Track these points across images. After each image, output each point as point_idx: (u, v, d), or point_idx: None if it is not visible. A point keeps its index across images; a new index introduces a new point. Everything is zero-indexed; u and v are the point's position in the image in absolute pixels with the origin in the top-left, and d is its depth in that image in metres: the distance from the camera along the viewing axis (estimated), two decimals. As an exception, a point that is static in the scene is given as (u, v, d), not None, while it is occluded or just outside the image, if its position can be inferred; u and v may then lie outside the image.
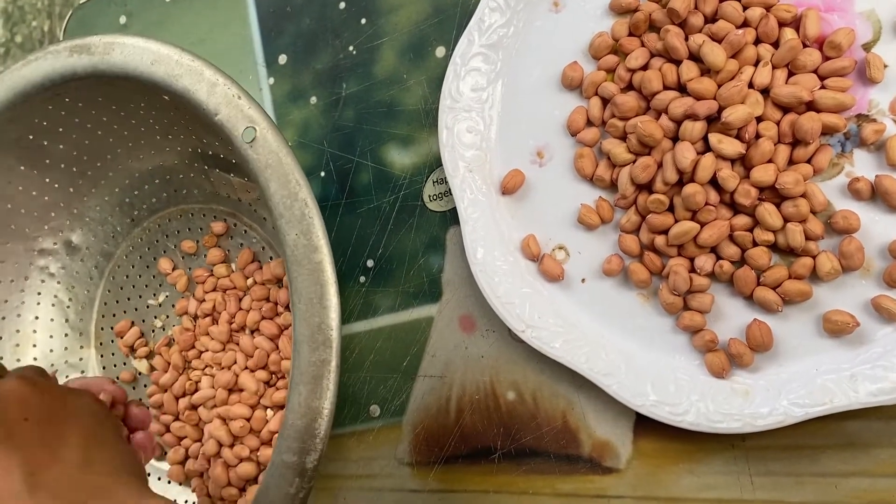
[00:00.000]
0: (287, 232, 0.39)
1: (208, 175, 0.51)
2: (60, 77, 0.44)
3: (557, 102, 0.42)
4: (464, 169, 0.43)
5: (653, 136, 0.37)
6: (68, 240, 0.56)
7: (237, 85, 0.40)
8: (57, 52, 0.44)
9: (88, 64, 0.43)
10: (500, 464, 0.43)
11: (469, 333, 0.44)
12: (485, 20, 0.42)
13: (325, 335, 0.38)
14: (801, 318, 0.36)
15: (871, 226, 0.35)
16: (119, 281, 0.57)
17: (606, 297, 0.40)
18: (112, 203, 0.55)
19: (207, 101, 0.40)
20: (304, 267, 0.39)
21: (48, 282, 0.57)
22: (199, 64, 0.41)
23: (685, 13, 0.38)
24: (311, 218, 0.39)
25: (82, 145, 0.51)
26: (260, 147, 0.39)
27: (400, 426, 0.46)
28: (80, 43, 0.43)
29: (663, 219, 0.37)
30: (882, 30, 0.35)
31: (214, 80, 0.40)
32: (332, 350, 0.38)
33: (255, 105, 0.40)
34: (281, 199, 0.39)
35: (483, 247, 0.42)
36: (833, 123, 0.35)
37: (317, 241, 0.39)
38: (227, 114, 0.40)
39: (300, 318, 0.39)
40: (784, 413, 0.35)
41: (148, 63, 0.42)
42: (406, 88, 0.47)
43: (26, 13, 0.91)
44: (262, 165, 0.39)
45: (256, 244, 0.52)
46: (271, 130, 0.39)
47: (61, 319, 0.58)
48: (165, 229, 0.55)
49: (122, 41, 0.43)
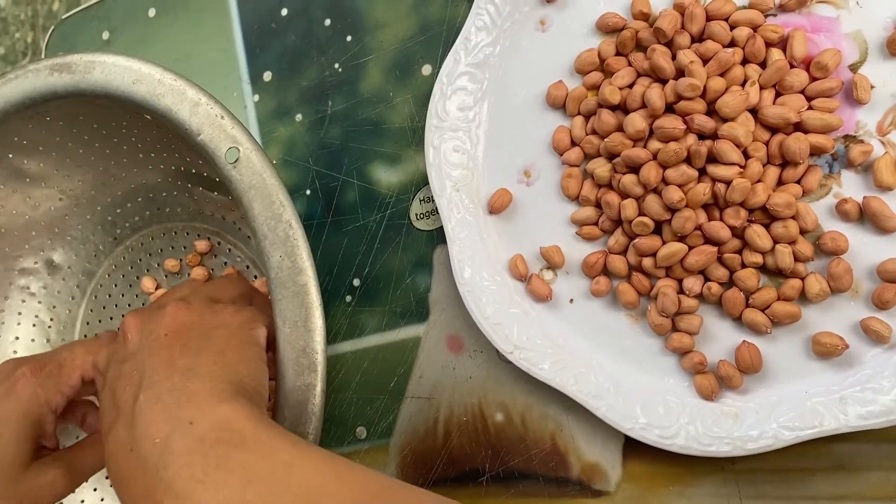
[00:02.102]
0: (271, 254, 0.39)
1: (192, 193, 0.51)
2: (41, 96, 0.44)
3: (544, 121, 0.42)
4: (451, 188, 0.42)
5: (639, 158, 0.37)
6: (49, 259, 0.56)
7: (220, 104, 0.40)
8: (37, 71, 0.43)
9: (69, 83, 0.43)
10: (489, 486, 0.42)
11: (457, 354, 0.44)
12: (471, 39, 0.42)
13: (311, 359, 0.38)
14: (791, 340, 0.36)
15: (860, 247, 0.35)
16: (101, 300, 0.56)
17: (595, 318, 0.40)
18: (94, 221, 0.55)
19: (190, 121, 0.40)
20: (288, 289, 0.38)
21: (29, 301, 0.56)
22: (182, 83, 0.40)
23: (672, 33, 0.38)
24: (295, 239, 0.38)
25: (63, 163, 0.50)
26: (243, 168, 0.39)
27: (387, 448, 0.45)
28: (61, 62, 0.43)
29: (651, 242, 0.37)
30: (868, 51, 0.35)
31: (197, 99, 0.40)
32: (317, 374, 0.37)
33: (239, 125, 0.39)
34: (265, 221, 0.39)
35: (470, 266, 0.41)
36: (821, 144, 0.35)
37: (301, 263, 0.38)
38: (209, 134, 0.39)
39: (284, 341, 0.38)
40: (774, 436, 0.34)
41: (129, 82, 0.41)
42: (392, 106, 0.47)
43: (10, 25, 0.90)
44: (245, 186, 0.39)
45: (240, 263, 0.52)
46: (255, 151, 0.39)
47: (42, 339, 0.57)
48: (148, 248, 0.55)
49: (103, 60, 0.42)
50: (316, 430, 0.37)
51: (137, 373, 0.33)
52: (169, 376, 0.33)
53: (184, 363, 0.34)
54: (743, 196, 0.35)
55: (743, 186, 0.34)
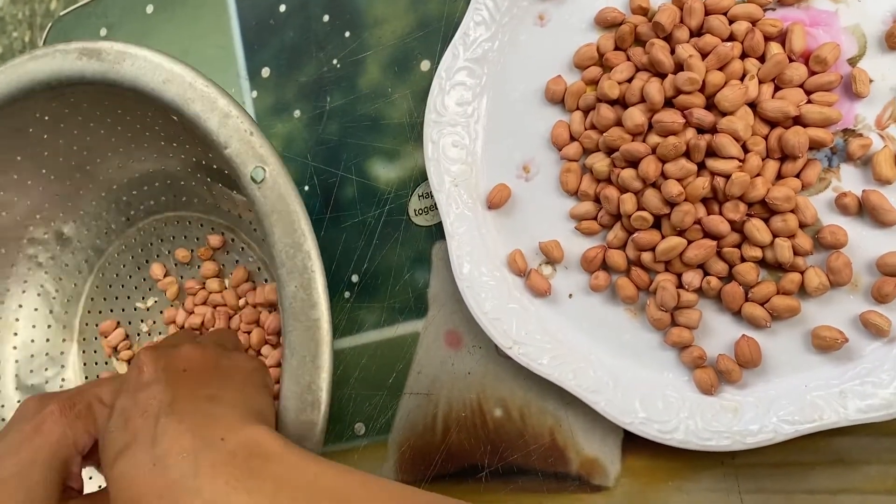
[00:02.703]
0: (286, 283, 0.38)
1: (210, 188, 0.50)
2: (67, 79, 0.42)
3: (543, 116, 0.42)
4: (449, 183, 0.42)
5: (638, 152, 0.37)
6: (60, 231, 0.55)
7: (250, 119, 0.39)
8: (66, 53, 0.42)
9: (98, 70, 0.41)
10: (488, 482, 0.42)
11: (455, 349, 0.44)
12: (470, 34, 0.42)
13: (315, 396, 0.37)
14: (790, 334, 0.36)
15: (859, 241, 0.35)
16: (108, 278, 0.56)
17: (594, 313, 0.40)
18: (109, 199, 0.54)
19: (218, 132, 0.39)
20: (300, 322, 0.37)
21: (35, 271, 0.56)
22: (213, 91, 0.39)
23: (670, 27, 0.38)
24: (312, 272, 0.37)
25: (83, 141, 0.49)
26: (268, 189, 0.38)
27: (385, 444, 0.45)
28: (92, 47, 0.41)
29: (650, 236, 0.37)
30: (867, 45, 0.35)
31: (227, 111, 0.39)
32: (319, 413, 0.37)
33: (267, 144, 0.38)
34: (284, 248, 0.38)
35: (469, 262, 0.41)
36: (820, 138, 0.35)
37: (316, 296, 0.37)
38: (237, 149, 0.38)
39: (290, 375, 0.38)
40: (773, 430, 0.34)
41: (160, 81, 0.40)
42: (391, 102, 0.47)
43: (7, 24, 0.90)
44: (268, 209, 0.38)
45: (252, 263, 0.51)
46: (282, 174, 0.38)
47: (45, 310, 0.56)
48: (161, 233, 0.54)
49: (135, 52, 0.41)
50: None
51: (156, 400, 0.33)
52: (192, 402, 0.33)
53: (205, 393, 0.34)
54: (742, 190, 0.35)
55: (742, 180, 0.34)
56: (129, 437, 0.32)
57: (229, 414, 0.33)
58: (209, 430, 0.31)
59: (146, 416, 0.32)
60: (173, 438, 0.31)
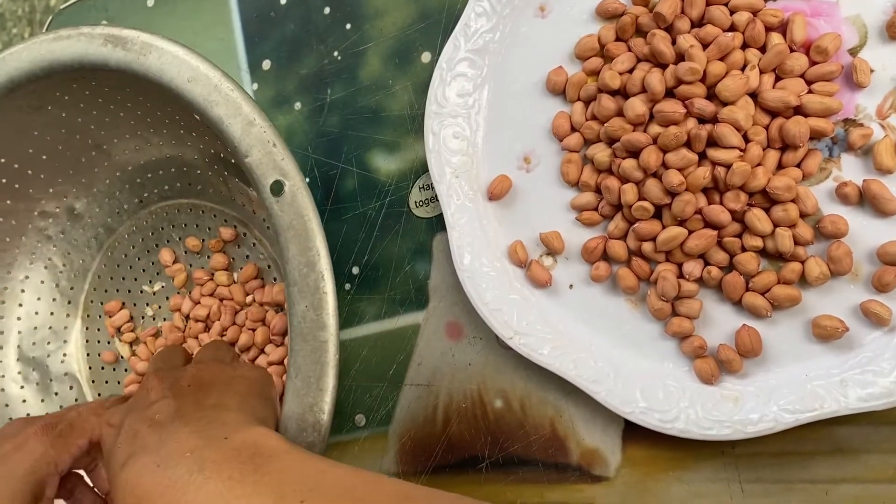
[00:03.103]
0: (297, 301, 0.37)
1: (227, 181, 0.50)
2: (91, 64, 0.42)
3: (544, 108, 0.42)
4: (450, 175, 0.42)
5: (639, 142, 0.37)
6: (71, 206, 0.55)
7: (274, 130, 0.38)
8: (91, 37, 0.41)
9: (122, 59, 0.41)
10: (488, 473, 0.42)
11: (456, 341, 0.44)
12: (471, 25, 0.42)
13: (316, 418, 0.37)
14: (791, 324, 0.36)
15: (860, 230, 0.35)
16: (117, 258, 0.56)
17: (594, 304, 0.40)
18: (123, 179, 0.54)
19: (240, 139, 0.38)
20: (308, 343, 0.37)
21: (44, 244, 0.55)
22: (238, 95, 0.38)
23: (672, 17, 0.38)
24: (325, 293, 0.37)
25: (102, 122, 0.49)
26: (286, 205, 0.37)
27: (386, 436, 0.45)
28: (117, 34, 0.41)
29: (650, 226, 0.37)
30: (868, 34, 0.35)
31: (251, 118, 0.38)
32: (319, 434, 0.37)
33: (289, 156, 0.38)
34: (297, 266, 0.37)
35: (470, 253, 0.41)
36: (821, 128, 0.35)
37: (326, 318, 0.37)
38: (258, 158, 0.38)
39: (293, 395, 0.37)
40: (774, 419, 0.34)
41: (184, 79, 0.39)
42: (392, 94, 0.47)
43: (7, 20, 0.90)
44: (285, 224, 0.37)
45: (263, 261, 0.51)
46: (302, 189, 0.37)
47: (52, 283, 0.56)
48: (173, 219, 0.54)
49: (161, 45, 0.40)
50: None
51: (161, 415, 0.34)
52: (198, 410, 0.35)
53: (211, 402, 0.36)
54: (743, 180, 0.35)
55: (743, 170, 0.35)
56: (137, 447, 0.33)
57: (233, 419, 0.34)
58: (213, 431, 0.32)
59: (153, 426, 0.34)
60: (179, 441, 0.31)
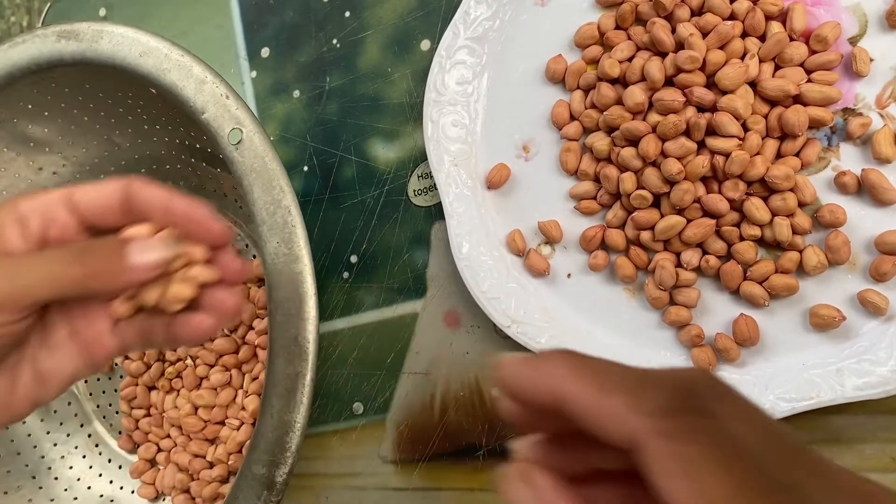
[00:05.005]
0: (268, 239, 0.38)
1: (195, 168, 0.50)
2: (47, 62, 0.43)
3: (543, 96, 0.41)
4: (449, 163, 0.42)
5: (638, 131, 0.37)
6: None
7: (225, 83, 0.40)
8: (45, 36, 0.43)
9: (76, 51, 0.42)
10: (485, 461, 0.42)
11: (454, 329, 0.44)
12: (470, 13, 0.42)
13: (302, 347, 0.37)
14: (788, 313, 0.36)
15: (858, 220, 0.35)
16: None
17: (592, 293, 0.40)
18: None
19: (195, 99, 0.40)
20: (283, 276, 0.38)
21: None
22: (188, 59, 0.40)
23: (671, 6, 0.37)
24: (293, 227, 0.38)
25: (68, 130, 0.50)
26: (245, 150, 0.39)
27: (383, 424, 0.45)
28: (68, 28, 0.42)
29: (649, 215, 0.37)
30: (868, 24, 0.35)
31: (203, 77, 0.40)
32: (307, 363, 0.37)
33: (243, 105, 0.39)
34: (264, 206, 0.38)
35: (468, 242, 0.41)
36: (820, 117, 0.35)
37: (298, 250, 0.38)
38: (213, 113, 0.39)
39: (277, 329, 0.38)
40: (771, 408, 0.34)
41: (136, 54, 0.41)
42: (391, 82, 0.47)
43: (5, 8, 0.89)
44: (246, 169, 0.39)
45: (240, 241, 0.51)
46: (258, 133, 0.39)
47: None
48: None
49: (111, 30, 0.42)
50: (303, 419, 0.37)
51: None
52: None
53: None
54: (742, 168, 0.35)
55: (742, 159, 0.34)
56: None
57: None
58: None
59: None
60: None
